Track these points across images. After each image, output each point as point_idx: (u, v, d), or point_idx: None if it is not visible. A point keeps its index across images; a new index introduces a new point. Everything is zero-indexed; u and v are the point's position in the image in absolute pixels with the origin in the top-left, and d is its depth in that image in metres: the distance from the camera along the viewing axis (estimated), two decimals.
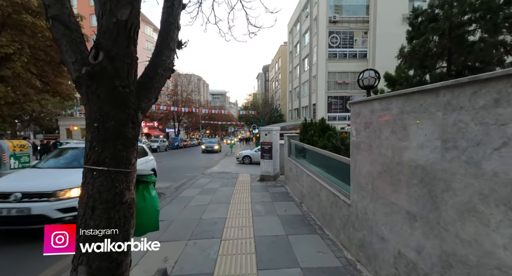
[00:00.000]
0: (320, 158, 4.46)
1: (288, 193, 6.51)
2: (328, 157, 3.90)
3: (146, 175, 2.58)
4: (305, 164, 5.41)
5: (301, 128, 8.10)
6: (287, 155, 7.29)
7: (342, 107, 23.19)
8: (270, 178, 8.13)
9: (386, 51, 22.36)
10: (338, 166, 3.58)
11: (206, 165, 15.38)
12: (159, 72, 2.41)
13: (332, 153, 3.81)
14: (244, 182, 8.25)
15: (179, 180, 9.57)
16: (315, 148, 4.56)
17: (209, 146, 24.66)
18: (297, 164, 5.98)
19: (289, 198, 5.98)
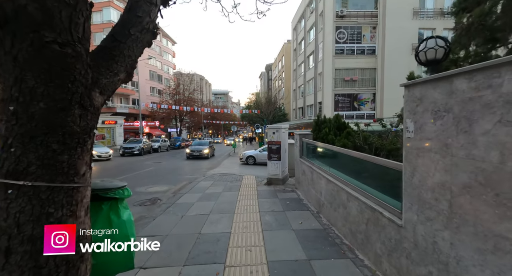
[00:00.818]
0: (348, 161, 3.62)
1: (301, 199, 5.67)
2: (362, 160, 3.06)
3: (113, 189, 1.77)
4: (323, 167, 4.57)
5: (313, 126, 7.27)
6: (298, 156, 6.45)
7: (349, 105, 22.28)
8: (279, 182, 7.31)
9: (396, 46, 21.46)
10: (379, 172, 2.75)
11: (208, 166, 14.60)
12: (133, 34, 1.60)
13: (371, 156, 2.96)
14: (249, 186, 7.44)
15: (179, 183, 8.78)
16: (344, 149, 3.72)
17: (196, 150, 17.91)
18: (312, 166, 5.14)
19: (303, 206, 5.15)
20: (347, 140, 5.57)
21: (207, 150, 18.27)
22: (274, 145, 7.26)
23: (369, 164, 2.94)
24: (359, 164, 3.22)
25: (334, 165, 4.17)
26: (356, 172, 3.39)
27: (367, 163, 2.96)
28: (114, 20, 32.79)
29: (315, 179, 4.90)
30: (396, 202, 2.42)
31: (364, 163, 3.05)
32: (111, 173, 11.88)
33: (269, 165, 7.39)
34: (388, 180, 2.58)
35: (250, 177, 9.34)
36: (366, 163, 2.98)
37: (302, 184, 6.12)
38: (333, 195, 3.94)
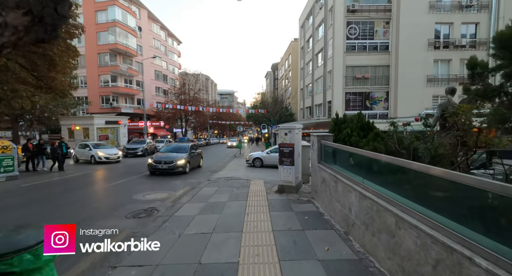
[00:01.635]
0: (395, 173, 2.72)
1: (322, 214, 4.78)
2: (426, 174, 2.15)
3: (8, 254, 0.92)
4: (354, 178, 3.67)
5: (331, 126, 6.37)
6: (315, 161, 5.56)
7: (361, 104, 21.17)
8: (292, 190, 6.42)
9: (411, 42, 20.29)
10: (462, 195, 1.85)
11: (213, 168, 13.81)
12: None
13: (453, 173, 2.02)
14: (258, 194, 6.58)
15: (180, 189, 7.99)
16: (392, 158, 2.78)
17: (164, 160, 10.98)
18: (336, 175, 4.25)
19: (326, 224, 4.25)
20: (377, 143, 4.66)
21: (183, 161, 10.86)
22: (287, 148, 6.38)
23: (439, 181, 2.04)
24: (419, 179, 2.32)
25: (371, 176, 3.27)
26: (412, 189, 2.49)
27: (437, 180, 2.06)
28: (119, 19, 32.45)
29: (341, 191, 4.01)
30: (502, 247, 1.52)
31: (430, 178, 2.15)
32: (109, 176, 11.18)
33: (281, 170, 6.52)
34: (483, 209, 1.68)
35: (258, 182, 8.48)
36: (436, 179, 2.07)
37: (321, 194, 5.22)
38: (371, 215, 3.05)
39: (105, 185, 8.77)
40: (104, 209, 5.95)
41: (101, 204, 6.39)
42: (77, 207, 6.20)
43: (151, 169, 10.89)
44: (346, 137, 5.64)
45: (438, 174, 2.04)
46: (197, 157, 13.25)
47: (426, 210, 2.24)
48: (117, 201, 6.62)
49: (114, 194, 7.43)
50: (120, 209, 5.85)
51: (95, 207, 6.15)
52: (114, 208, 5.95)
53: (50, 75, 12.71)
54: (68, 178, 10.22)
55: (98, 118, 23.25)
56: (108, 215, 5.43)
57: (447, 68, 20.96)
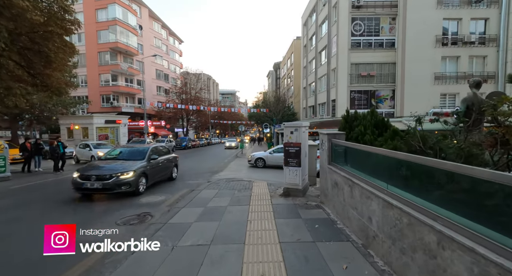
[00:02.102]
0: (445, 180, 2.17)
1: (334, 222, 4.25)
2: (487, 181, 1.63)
3: None
4: (375, 182, 3.15)
5: (341, 124, 5.83)
6: (325, 162, 5.03)
7: (367, 103, 20.55)
8: (298, 193, 5.90)
9: (418, 39, 19.66)
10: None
11: (214, 168, 13.32)
12: None
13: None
14: (261, 197, 6.06)
15: (178, 191, 7.50)
16: (431, 160, 2.25)
17: (99, 172, 6.69)
18: (351, 179, 3.72)
19: (340, 234, 3.73)
20: (395, 141, 4.13)
21: (131, 174, 6.84)
22: (293, 147, 5.86)
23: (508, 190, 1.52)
24: (476, 189, 1.79)
25: (400, 182, 2.74)
26: (464, 201, 1.96)
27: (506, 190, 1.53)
28: (120, 17, 32.07)
29: (358, 197, 3.48)
30: None
31: (493, 188, 1.62)
32: None
33: (286, 172, 6.00)
34: None
35: (261, 184, 7.97)
36: (504, 189, 1.55)
37: (332, 199, 4.70)
38: (399, 228, 2.53)
39: None
40: (95, 214, 5.48)
41: (93, 208, 5.91)
42: (65, 211, 5.73)
43: (76, 187, 6.61)
44: (359, 136, 5.10)
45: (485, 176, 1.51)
46: (165, 165, 8.85)
47: (485, 228, 1.72)
48: (110, 205, 6.14)
49: (107, 197, 6.95)
50: (112, 214, 5.37)
51: (85, 211, 5.68)
52: (106, 213, 5.47)
53: (45, 72, 12.27)
54: (62, 180, 9.77)
55: (98, 117, 22.84)
56: (97, 221, 4.95)
57: (455, 65, 20.29)
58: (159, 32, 44.01)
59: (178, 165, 10.38)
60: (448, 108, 19.97)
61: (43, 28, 11.30)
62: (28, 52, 11.91)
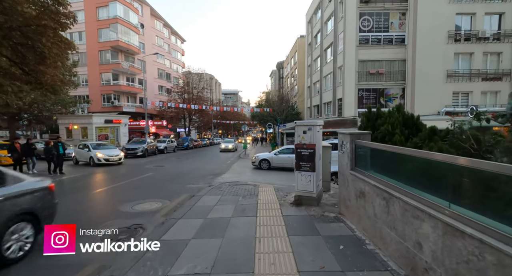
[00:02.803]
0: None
1: (361, 240, 3.49)
2: None
3: None
4: (432, 199, 2.39)
5: (361, 122, 5.08)
6: (346, 167, 4.28)
7: (375, 102, 19.68)
8: (312, 202, 5.15)
9: (430, 35, 18.79)
10: None
11: (216, 170, 12.61)
12: None
13: None
14: (270, 206, 5.33)
15: (177, 197, 6.78)
16: None
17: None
18: (388, 190, 2.97)
19: (373, 259, 2.97)
20: (439, 143, 3.36)
21: None
22: (306, 149, 5.11)
23: None
24: None
25: (474, 200, 1.99)
26: None
27: None
28: (121, 15, 31.53)
29: (399, 215, 2.73)
30: None
31: None
32: (101, 180, 10.07)
33: (298, 177, 5.25)
34: None
35: (267, 189, 7.24)
36: None
37: (356, 211, 3.94)
38: (478, 266, 1.78)
39: (91, 192, 7.63)
40: (79, 226, 4.77)
41: (78, 218, 5.21)
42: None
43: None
44: (385, 136, 4.36)
45: None
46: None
47: None
48: (99, 214, 5.45)
49: (98, 204, 6.27)
50: (99, 226, 4.66)
51: (70, 222, 4.97)
52: (92, 225, 4.76)
53: (39, 69, 11.64)
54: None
55: (97, 117, 22.28)
56: (81, 235, 4.25)
57: (469, 62, 19.37)
58: (161, 31, 43.47)
59: (51, 213, 4.17)
60: (461, 107, 19.07)
61: (36, 22, 10.69)
62: (21, 48, 11.30)
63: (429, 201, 2.35)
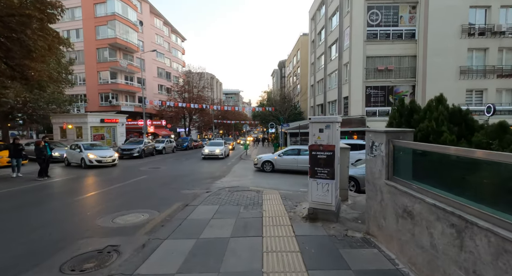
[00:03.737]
0: None
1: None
2: None
3: None
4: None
5: (392, 118, 4.12)
6: (379, 176, 3.30)
7: (384, 100, 18.67)
8: (331, 216, 4.18)
9: (442, 29, 17.76)
10: None
11: (216, 173, 11.66)
12: None
13: None
14: (278, 220, 4.36)
15: (167, 206, 5.83)
16: None
17: None
18: (463, 215, 1.99)
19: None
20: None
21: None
22: (323, 152, 4.14)
23: None
24: None
25: None
26: None
27: None
28: (119, 12, 30.66)
29: (491, 257, 1.76)
30: None
31: None
32: (88, 185, 9.13)
33: (313, 186, 4.28)
34: None
35: (273, 196, 6.28)
36: None
37: (396, 235, 2.96)
38: None
39: (72, 199, 6.69)
40: (42, 247, 3.82)
41: (45, 234, 4.27)
42: (7, 239, 4.10)
43: None
44: (429, 135, 3.38)
45: None
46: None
47: None
48: (71, 230, 4.50)
49: (74, 215, 5.32)
50: (67, 247, 3.73)
51: (31, 241, 4.03)
52: (58, 245, 3.81)
53: (24, 63, 10.76)
54: (31, 189, 8.19)
55: (92, 116, 21.37)
56: (40, 261, 3.31)
57: (483, 58, 18.33)
58: (160, 29, 42.62)
59: None
60: (475, 105, 18.01)
61: (19, 11, 9.80)
62: (5, 40, 10.42)
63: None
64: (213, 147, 18.62)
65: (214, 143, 20.32)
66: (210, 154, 17.94)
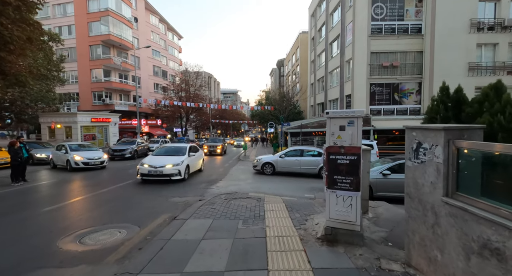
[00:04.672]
0: None
1: None
2: None
3: None
4: None
5: (434, 113, 3.18)
6: (434, 192, 2.36)
7: (389, 98, 17.81)
8: (356, 239, 3.25)
9: (449, 23, 16.92)
10: None
11: (212, 176, 10.71)
12: None
13: None
14: (286, 245, 3.42)
15: (151, 219, 4.87)
16: None
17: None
18: None
19: None
20: None
21: None
22: (344, 156, 3.21)
23: None
24: None
25: None
26: None
27: None
28: (113, 8, 29.54)
29: None
30: None
31: None
32: (67, 191, 8.10)
33: (332, 199, 3.34)
34: None
35: (276, 206, 5.35)
36: None
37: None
38: None
39: (41, 210, 5.71)
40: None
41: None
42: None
43: None
44: (498, 132, 2.46)
45: None
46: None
47: None
48: (21, 255, 3.52)
49: (33, 234, 4.34)
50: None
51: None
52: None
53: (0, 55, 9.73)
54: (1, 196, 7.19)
55: (82, 115, 20.31)
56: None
57: (493, 54, 17.51)
58: (156, 26, 41.50)
59: None
60: None
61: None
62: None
63: None
64: (161, 158, 9.49)
65: (168, 149, 10.46)
66: (152, 173, 8.67)
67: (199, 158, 11.37)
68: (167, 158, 9.45)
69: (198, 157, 11.14)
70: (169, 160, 9.19)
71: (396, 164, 7.62)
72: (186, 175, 9.41)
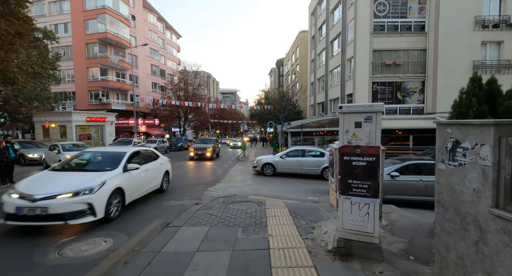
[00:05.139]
0: None
1: None
2: None
3: None
4: None
5: (459, 106, 2.73)
6: (479, 203, 1.93)
7: (391, 97, 17.42)
8: (373, 253, 2.82)
9: (453, 21, 16.53)
10: None
11: (210, 177, 10.27)
12: None
13: None
14: (293, 260, 2.98)
15: (142, 227, 4.42)
16: None
17: None
18: None
19: None
20: None
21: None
22: (361, 157, 2.78)
23: None
24: None
25: None
26: None
27: None
28: (110, 5, 29.02)
29: None
30: None
31: None
32: None
33: (345, 207, 2.91)
34: None
35: (279, 211, 4.91)
36: None
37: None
38: None
39: None
40: None
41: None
42: None
43: None
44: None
45: None
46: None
47: None
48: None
49: (7, 245, 3.88)
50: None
51: None
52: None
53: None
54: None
55: (77, 114, 19.79)
56: None
57: (497, 52, 17.14)
58: (154, 24, 40.99)
59: None
60: None
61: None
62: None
63: None
64: (58, 177, 4.93)
65: (88, 158, 6.01)
66: (26, 213, 4.00)
67: (155, 171, 6.80)
68: (70, 177, 4.89)
69: (153, 170, 6.64)
70: (70, 181, 4.59)
71: (405, 165, 7.22)
72: (114, 209, 4.78)
